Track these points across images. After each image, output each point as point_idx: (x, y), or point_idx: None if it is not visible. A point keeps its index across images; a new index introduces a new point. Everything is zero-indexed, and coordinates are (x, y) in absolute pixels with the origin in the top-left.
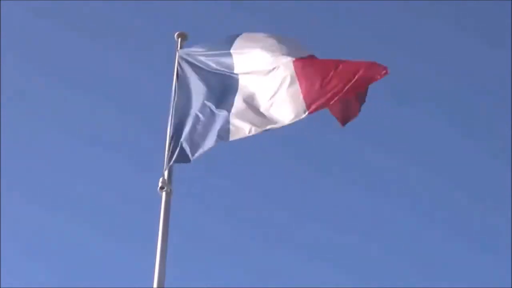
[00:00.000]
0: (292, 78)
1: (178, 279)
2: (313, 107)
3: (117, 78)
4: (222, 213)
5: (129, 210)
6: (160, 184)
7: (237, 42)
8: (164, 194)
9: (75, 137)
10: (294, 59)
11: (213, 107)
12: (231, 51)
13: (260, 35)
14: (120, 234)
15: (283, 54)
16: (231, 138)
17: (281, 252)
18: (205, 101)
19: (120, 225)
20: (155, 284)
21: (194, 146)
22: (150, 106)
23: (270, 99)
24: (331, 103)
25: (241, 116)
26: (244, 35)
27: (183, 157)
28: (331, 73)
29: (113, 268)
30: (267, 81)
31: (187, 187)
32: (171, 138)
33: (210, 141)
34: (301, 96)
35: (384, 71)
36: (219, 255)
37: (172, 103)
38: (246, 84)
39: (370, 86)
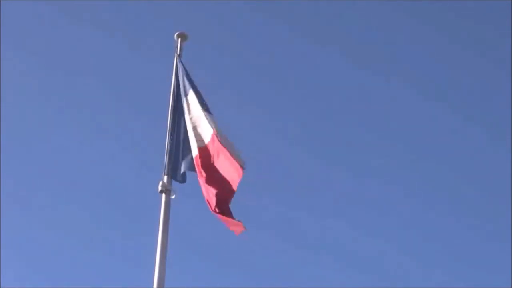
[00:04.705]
0: None
1: (178, 279)
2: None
3: (117, 79)
4: None
5: (129, 210)
6: (160, 188)
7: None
8: (164, 195)
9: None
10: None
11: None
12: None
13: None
14: (121, 235)
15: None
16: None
17: (281, 252)
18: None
19: (120, 225)
20: (155, 284)
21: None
22: (150, 105)
23: None
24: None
25: None
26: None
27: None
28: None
29: (113, 268)
30: None
31: (187, 187)
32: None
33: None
34: None
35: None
36: (219, 255)
37: (170, 103)
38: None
39: None
